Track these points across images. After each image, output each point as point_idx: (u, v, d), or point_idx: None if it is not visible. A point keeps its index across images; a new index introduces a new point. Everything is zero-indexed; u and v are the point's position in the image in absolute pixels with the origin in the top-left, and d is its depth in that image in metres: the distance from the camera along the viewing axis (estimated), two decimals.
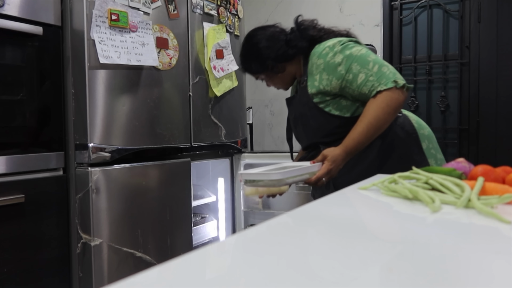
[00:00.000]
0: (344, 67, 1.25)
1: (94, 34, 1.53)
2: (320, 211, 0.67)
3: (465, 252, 0.44)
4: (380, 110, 1.18)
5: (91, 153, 1.55)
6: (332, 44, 1.29)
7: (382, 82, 1.19)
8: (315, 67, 1.31)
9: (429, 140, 1.37)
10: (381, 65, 1.22)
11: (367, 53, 1.26)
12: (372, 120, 1.19)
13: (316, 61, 1.30)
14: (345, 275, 0.38)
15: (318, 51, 1.30)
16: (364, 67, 1.22)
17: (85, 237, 1.55)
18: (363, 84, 1.22)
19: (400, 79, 1.20)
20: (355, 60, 1.24)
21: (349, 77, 1.24)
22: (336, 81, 1.26)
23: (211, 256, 0.44)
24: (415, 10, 2.63)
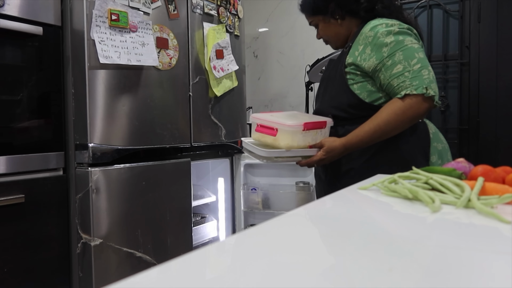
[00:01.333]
0: (389, 50, 1.19)
1: (94, 34, 1.53)
2: (320, 211, 0.67)
3: (465, 252, 0.44)
4: (394, 116, 1.15)
5: (91, 153, 1.55)
6: (391, 23, 1.22)
7: (414, 84, 1.14)
8: (363, 37, 1.25)
9: (440, 156, 1.32)
10: (423, 67, 1.16)
11: (418, 49, 1.20)
12: (382, 124, 1.16)
13: (367, 32, 1.24)
14: (345, 275, 0.38)
15: (374, 23, 1.24)
16: (407, 60, 1.17)
17: (85, 237, 1.55)
18: (396, 75, 1.17)
19: (432, 89, 1.15)
20: (402, 49, 1.18)
21: (388, 62, 1.18)
22: (375, 60, 1.21)
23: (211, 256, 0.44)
24: (415, 10, 2.63)
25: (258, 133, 1.24)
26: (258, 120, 1.24)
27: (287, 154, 1.18)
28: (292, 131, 1.16)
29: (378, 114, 1.18)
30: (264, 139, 1.22)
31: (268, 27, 3.10)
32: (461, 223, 0.57)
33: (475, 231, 0.53)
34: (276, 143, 1.19)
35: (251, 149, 1.25)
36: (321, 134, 1.24)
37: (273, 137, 1.19)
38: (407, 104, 1.14)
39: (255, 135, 1.26)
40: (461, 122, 2.54)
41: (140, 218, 1.69)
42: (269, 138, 1.20)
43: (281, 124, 1.18)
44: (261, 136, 1.23)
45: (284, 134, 1.17)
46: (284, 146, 1.18)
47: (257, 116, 1.27)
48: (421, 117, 1.20)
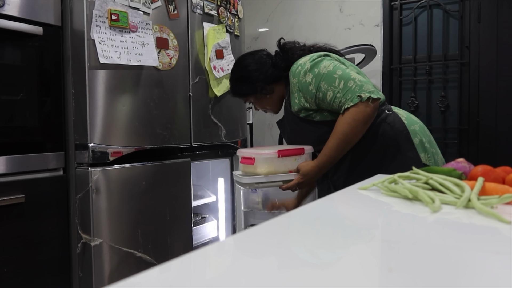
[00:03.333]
0: (314, 86, 1.31)
1: (94, 34, 1.53)
2: (320, 211, 0.67)
3: (465, 252, 0.44)
4: (347, 125, 1.25)
5: (91, 153, 1.55)
6: (303, 62, 1.35)
7: (348, 98, 1.25)
8: (292, 86, 1.38)
9: (422, 134, 1.40)
10: (347, 80, 1.26)
11: (334, 69, 1.30)
12: (341, 136, 1.27)
13: (292, 80, 1.37)
14: (345, 275, 0.38)
15: (293, 70, 1.37)
16: (331, 85, 1.28)
17: (85, 237, 1.55)
18: (332, 101, 1.28)
19: (365, 91, 1.24)
20: (322, 79, 1.29)
21: (320, 95, 1.30)
22: (310, 99, 1.33)
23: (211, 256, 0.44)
24: (415, 10, 2.63)
25: (242, 165, 1.39)
26: (241, 153, 1.40)
27: (266, 179, 1.31)
28: (267, 158, 1.31)
29: (335, 130, 1.29)
30: (247, 169, 1.36)
31: (268, 27, 3.10)
32: (461, 223, 0.57)
33: (475, 231, 0.53)
34: (256, 171, 1.32)
35: (237, 179, 1.41)
36: (301, 160, 1.36)
37: (252, 166, 1.33)
38: (353, 112, 1.25)
39: (241, 167, 1.41)
40: (461, 122, 2.54)
41: (140, 218, 1.69)
42: (250, 167, 1.34)
43: (257, 153, 1.33)
44: (245, 167, 1.38)
45: (261, 162, 1.31)
46: (263, 172, 1.31)
47: (241, 150, 1.43)
48: (373, 116, 1.28)
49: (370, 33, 2.71)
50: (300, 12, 2.97)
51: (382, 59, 2.68)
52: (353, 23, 2.77)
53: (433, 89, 2.62)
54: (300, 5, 2.95)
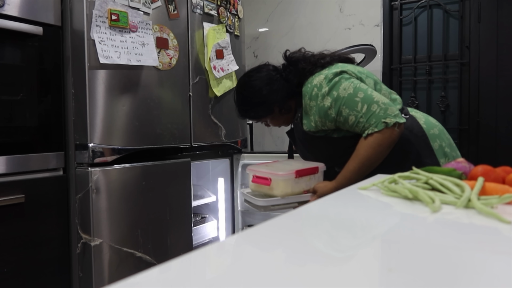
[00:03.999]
0: (334, 110, 1.26)
1: (94, 34, 1.53)
2: (320, 211, 0.67)
3: (465, 252, 0.44)
4: (372, 150, 1.21)
5: (91, 153, 1.55)
6: (319, 84, 1.29)
7: (372, 124, 1.20)
8: (309, 108, 1.33)
9: (441, 139, 1.37)
10: (370, 104, 1.22)
11: (354, 91, 1.24)
12: (363, 160, 1.23)
13: (308, 102, 1.32)
14: (345, 275, 0.38)
15: (309, 92, 1.31)
16: (353, 109, 1.23)
17: (85, 237, 1.55)
18: (354, 125, 1.24)
19: (390, 116, 1.20)
20: (343, 103, 1.24)
21: (340, 119, 1.26)
22: (330, 123, 1.29)
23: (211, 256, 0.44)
24: (415, 10, 2.63)
25: (255, 184, 1.31)
26: (254, 171, 1.32)
27: (283, 201, 1.25)
28: (284, 180, 1.24)
29: (357, 153, 1.24)
30: (261, 189, 1.30)
31: (268, 27, 3.10)
32: (461, 223, 0.57)
33: (475, 231, 0.53)
34: (271, 192, 1.26)
35: (250, 200, 1.32)
36: (315, 179, 1.33)
37: (268, 187, 1.26)
38: (378, 138, 1.21)
39: (252, 186, 1.33)
40: (461, 122, 2.54)
41: (140, 218, 1.69)
42: (265, 188, 1.27)
43: (274, 174, 1.25)
44: (257, 187, 1.31)
45: (277, 183, 1.24)
46: (279, 194, 1.25)
47: (252, 168, 1.35)
48: (397, 139, 1.24)
49: (370, 33, 2.71)
50: (300, 12, 2.97)
51: (382, 59, 2.68)
52: (353, 23, 2.77)
53: (433, 89, 2.62)
54: (300, 5, 2.95)
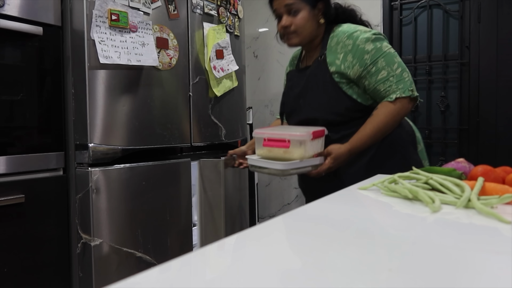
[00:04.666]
0: (371, 57, 1.24)
1: (94, 34, 1.53)
2: (320, 211, 0.67)
3: (465, 252, 0.44)
4: (391, 117, 1.23)
5: (91, 153, 1.55)
6: (364, 30, 1.28)
7: (400, 88, 1.23)
8: (341, 46, 1.28)
9: (421, 143, 1.44)
10: (403, 70, 1.26)
11: (395, 53, 1.29)
12: (381, 125, 1.23)
13: (344, 40, 1.28)
14: (345, 275, 0.38)
15: (349, 31, 1.29)
16: (389, 66, 1.24)
17: (85, 237, 1.55)
18: (381, 81, 1.24)
19: (415, 90, 1.25)
20: (383, 55, 1.25)
21: (372, 69, 1.24)
22: (358, 67, 1.25)
23: (211, 256, 0.44)
24: (415, 10, 2.63)
25: (266, 148, 1.22)
26: (266, 134, 1.23)
27: (301, 164, 1.17)
28: (304, 141, 1.16)
29: (375, 117, 1.24)
30: (273, 154, 1.21)
31: (268, 27, 3.10)
32: (461, 223, 0.57)
33: (475, 231, 0.53)
34: (288, 155, 1.18)
35: (265, 165, 1.20)
36: (320, 143, 1.26)
37: (285, 150, 1.18)
38: (399, 106, 1.23)
39: (262, 150, 1.24)
40: (461, 122, 2.54)
41: (140, 218, 1.69)
42: (280, 151, 1.19)
43: (293, 134, 1.17)
44: (268, 151, 1.22)
45: (297, 144, 1.16)
46: (298, 157, 1.16)
47: (262, 131, 1.27)
48: (408, 113, 1.30)
49: None
50: None
51: None
52: None
53: (433, 89, 2.62)
54: None
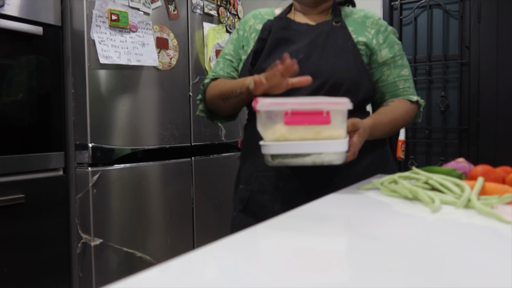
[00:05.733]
0: (399, 49, 1.13)
1: (94, 34, 1.53)
2: (319, 211, 0.67)
3: (465, 252, 0.44)
4: (408, 116, 1.11)
5: (91, 153, 1.55)
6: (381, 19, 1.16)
7: (414, 93, 1.15)
8: (371, 22, 1.12)
9: None
10: (411, 75, 1.16)
11: None
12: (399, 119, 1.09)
13: (376, 18, 1.13)
14: (345, 275, 0.38)
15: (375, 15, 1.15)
16: (408, 67, 1.15)
17: (85, 237, 1.55)
18: (403, 77, 1.12)
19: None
20: (404, 55, 1.15)
21: (398, 61, 1.12)
22: (388, 53, 1.11)
23: (211, 256, 0.44)
24: (415, 10, 2.63)
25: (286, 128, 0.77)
26: (289, 105, 0.77)
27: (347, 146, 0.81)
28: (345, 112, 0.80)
29: (396, 110, 1.09)
30: (298, 135, 0.78)
31: None
32: (461, 223, 0.57)
33: (475, 231, 0.53)
34: (323, 135, 0.78)
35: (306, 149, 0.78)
36: None
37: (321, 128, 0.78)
38: (415, 110, 1.14)
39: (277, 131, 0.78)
40: (461, 122, 2.54)
41: (140, 218, 1.69)
42: (311, 130, 0.77)
43: (333, 103, 0.78)
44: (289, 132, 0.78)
45: (338, 118, 0.78)
46: (340, 134, 0.79)
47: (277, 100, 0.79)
48: None
49: None
50: None
51: None
52: None
53: (433, 89, 2.62)
54: None
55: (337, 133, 0.80)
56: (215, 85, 1.12)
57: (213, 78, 1.15)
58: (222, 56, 1.18)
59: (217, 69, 1.17)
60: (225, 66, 1.16)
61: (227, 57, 1.17)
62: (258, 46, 1.10)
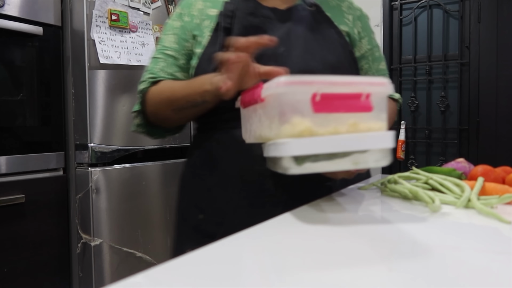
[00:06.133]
0: (375, 41, 0.99)
1: (94, 34, 1.53)
2: (319, 211, 0.67)
3: (465, 252, 0.44)
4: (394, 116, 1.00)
5: (91, 153, 1.55)
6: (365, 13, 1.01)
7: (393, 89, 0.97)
8: (347, 6, 0.97)
9: None
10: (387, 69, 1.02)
11: None
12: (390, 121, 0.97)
13: (354, 5, 0.99)
14: (345, 276, 0.38)
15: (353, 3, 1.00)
16: (384, 60, 1.01)
17: (85, 237, 1.55)
18: (382, 72, 0.99)
19: None
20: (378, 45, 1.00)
21: (376, 54, 0.97)
22: (367, 43, 0.95)
23: (211, 256, 0.44)
24: (415, 10, 2.63)
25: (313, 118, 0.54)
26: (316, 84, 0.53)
27: None
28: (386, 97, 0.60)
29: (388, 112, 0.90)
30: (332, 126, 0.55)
31: None
32: (461, 223, 0.56)
33: (475, 231, 0.53)
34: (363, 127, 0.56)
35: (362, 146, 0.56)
36: None
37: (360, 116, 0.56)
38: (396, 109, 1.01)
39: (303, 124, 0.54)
40: (461, 122, 2.54)
41: (140, 218, 1.69)
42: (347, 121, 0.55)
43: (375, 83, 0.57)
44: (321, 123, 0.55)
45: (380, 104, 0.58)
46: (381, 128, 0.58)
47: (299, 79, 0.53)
48: None
49: None
50: None
51: None
52: None
53: (433, 89, 2.62)
54: None
55: (377, 126, 0.58)
56: (157, 92, 0.86)
57: (152, 81, 0.88)
58: (161, 51, 0.90)
59: (155, 69, 0.89)
60: (167, 65, 0.89)
61: (169, 53, 0.89)
62: (222, 39, 0.83)
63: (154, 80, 0.87)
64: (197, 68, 0.86)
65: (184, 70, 0.89)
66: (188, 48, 0.89)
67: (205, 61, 0.84)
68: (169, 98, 0.83)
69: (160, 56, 0.90)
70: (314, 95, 0.54)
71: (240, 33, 0.82)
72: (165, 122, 0.91)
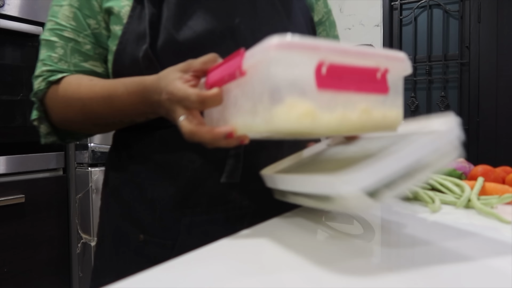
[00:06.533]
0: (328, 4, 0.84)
1: None
2: (319, 210, 0.67)
3: (465, 252, 0.44)
4: None
5: (91, 153, 1.55)
6: None
7: None
8: None
9: None
10: None
11: None
12: None
13: None
14: (345, 276, 0.38)
15: None
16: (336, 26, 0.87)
17: (85, 237, 1.55)
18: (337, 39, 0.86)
19: None
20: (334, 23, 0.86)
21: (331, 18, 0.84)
22: (323, 7, 0.81)
23: (211, 256, 0.44)
24: (415, 10, 2.63)
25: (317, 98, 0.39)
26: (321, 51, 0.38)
27: None
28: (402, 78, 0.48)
29: None
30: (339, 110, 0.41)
31: None
32: (461, 223, 0.57)
33: (475, 231, 0.53)
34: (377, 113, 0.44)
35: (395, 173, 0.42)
36: None
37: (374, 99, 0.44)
38: None
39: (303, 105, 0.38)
40: (461, 122, 2.54)
41: None
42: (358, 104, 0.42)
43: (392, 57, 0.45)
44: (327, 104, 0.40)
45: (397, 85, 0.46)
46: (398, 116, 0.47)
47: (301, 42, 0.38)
48: None
49: (370, 33, 2.71)
50: None
51: None
52: (353, 23, 2.77)
53: (433, 89, 2.62)
54: None
55: (393, 114, 0.46)
56: (64, 98, 0.64)
57: (51, 80, 0.67)
58: (56, 32, 0.65)
59: (53, 58, 0.67)
60: (68, 53, 0.65)
61: (67, 34, 0.64)
62: (152, 12, 0.60)
63: (53, 78, 0.66)
64: (119, 53, 0.61)
65: (92, 58, 0.65)
66: (93, 26, 0.63)
67: (130, 42, 0.60)
68: (90, 112, 0.61)
69: (54, 38, 0.66)
70: (320, 66, 0.39)
71: (177, 3, 0.61)
72: (81, 131, 0.72)
